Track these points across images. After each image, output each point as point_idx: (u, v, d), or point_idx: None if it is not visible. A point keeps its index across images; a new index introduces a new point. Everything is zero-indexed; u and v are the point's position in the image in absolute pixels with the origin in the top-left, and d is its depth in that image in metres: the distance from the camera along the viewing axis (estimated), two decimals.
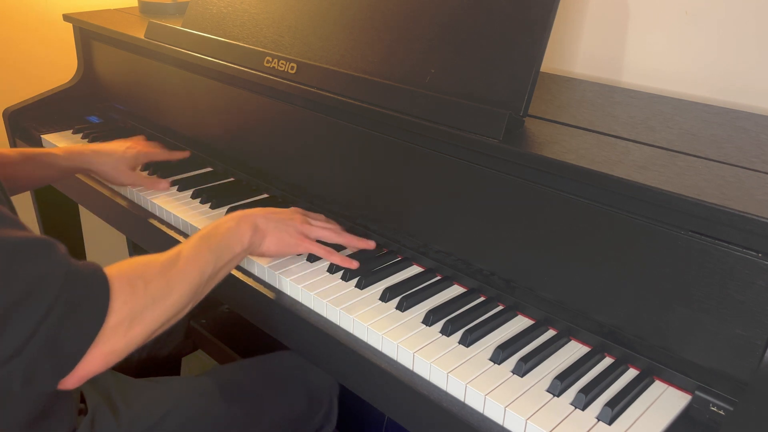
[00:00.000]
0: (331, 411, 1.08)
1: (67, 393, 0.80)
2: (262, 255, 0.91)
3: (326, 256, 0.92)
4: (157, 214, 1.14)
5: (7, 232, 0.61)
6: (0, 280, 0.58)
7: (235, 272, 0.97)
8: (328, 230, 0.95)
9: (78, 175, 1.29)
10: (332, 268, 0.92)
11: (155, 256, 0.75)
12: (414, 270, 0.94)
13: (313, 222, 0.96)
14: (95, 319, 0.63)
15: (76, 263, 0.65)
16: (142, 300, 0.68)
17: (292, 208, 0.98)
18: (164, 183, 1.18)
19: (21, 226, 0.64)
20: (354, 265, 0.91)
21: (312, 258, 0.95)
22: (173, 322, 0.74)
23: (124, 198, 1.21)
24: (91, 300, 0.64)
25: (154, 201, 1.14)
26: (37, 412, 0.77)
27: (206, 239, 0.81)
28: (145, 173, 1.23)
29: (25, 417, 0.75)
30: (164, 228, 1.10)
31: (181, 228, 1.09)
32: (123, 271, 0.69)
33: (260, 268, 0.95)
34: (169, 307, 0.72)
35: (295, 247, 0.92)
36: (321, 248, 0.93)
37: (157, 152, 1.25)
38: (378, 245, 1.00)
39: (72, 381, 0.64)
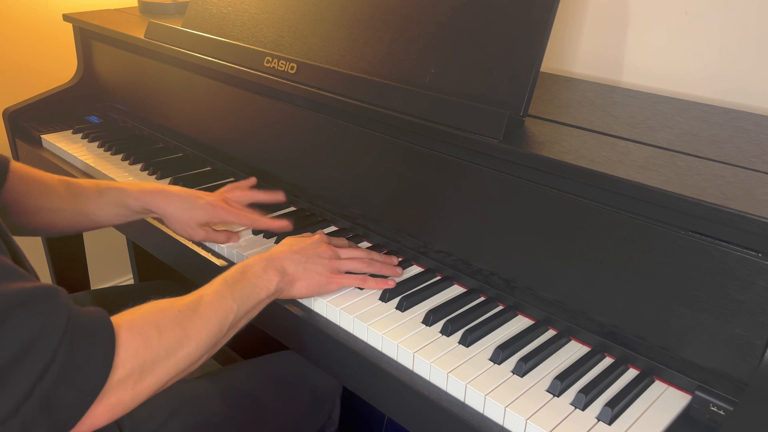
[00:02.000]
0: (333, 412, 1.08)
1: None
2: (292, 298, 0.86)
3: (360, 285, 0.87)
4: None
5: (4, 285, 0.56)
6: None
7: (226, 266, 0.97)
8: (358, 261, 0.89)
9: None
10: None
11: (173, 301, 0.69)
12: (414, 270, 0.94)
13: (341, 253, 0.89)
14: (97, 376, 0.59)
15: (78, 313, 0.60)
16: (155, 351, 0.63)
17: (317, 237, 0.90)
18: (236, 236, 1.01)
19: (21, 276, 0.59)
20: (391, 284, 0.88)
21: None
22: (188, 372, 0.69)
23: None
24: (94, 355, 0.59)
25: None
26: None
27: (230, 285, 0.75)
28: (222, 232, 1.01)
29: None
30: (164, 228, 1.10)
31: None
32: (135, 319, 0.64)
33: None
34: (185, 358, 0.67)
35: (326, 287, 0.86)
36: (354, 279, 0.87)
37: (246, 215, 1.00)
38: (377, 245, 1.00)
39: None
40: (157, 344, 0.64)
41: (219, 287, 0.75)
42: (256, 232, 1.03)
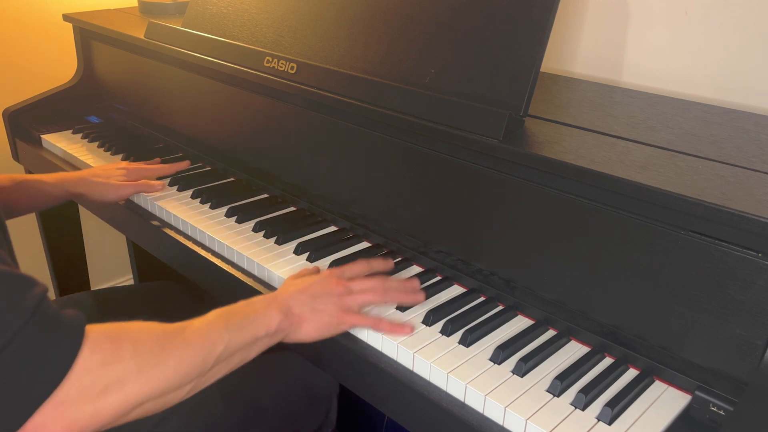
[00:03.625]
0: (330, 410, 1.08)
1: None
2: (299, 342, 0.78)
3: (374, 328, 0.80)
4: (157, 214, 1.14)
5: None
6: None
7: (226, 266, 0.97)
8: (371, 293, 0.82)
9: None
10: None
11: (160, 323, 0.65)
12: (414, 270, 0.94)
13: (354, 287, 0.82)
14: (52, 374, 0.54)
15: (51, 309, 0.56)
16: (126, 365, 0.58)
17: (326, 273, 0.84)
18: (158, 184, 1.14)
19: (3, 261, 0.56)
20: (407, 331, 0.79)
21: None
22: (162, 404, 0.63)
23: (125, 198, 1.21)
24: (54, 351, 0.54)
25: (155, 201, 1.14)
26: None
27: (225, 316, 0.70)
28: (139, 183, 1.15)
29: None
30: (164, 228, 1.10)
31: (180, 228, 1.09)
32: (112, 328, 0.60)
33: (249, 261, 0.95)
34: (160, 381, 0.61)
35: (337, 327, 0.79)
36: (366, 320, 0.80)
37: (151, 168, 1.19)
38: (378, 245, 1.00)
39: None
40: (130, 357, 0.59)
41: (213, 317, 0.70)
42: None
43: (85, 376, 0.56)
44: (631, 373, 0.75)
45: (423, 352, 0.76)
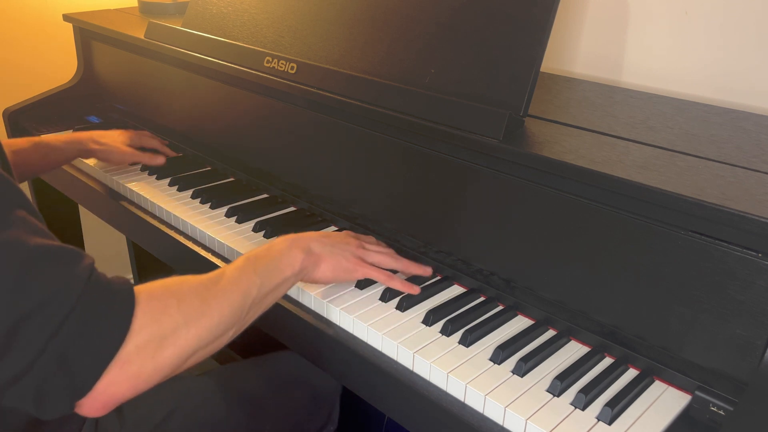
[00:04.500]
0: (333, 411, 1.08)
1: None
2: (315, 281, 0.84)
3: (386, 282, 0.86)
4: (157, 214, 1.14)
5: (28, 238, 0.57)
6: (12, 287, 0.54)
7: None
8: (385, 255, 0.88)
9: (81, 177, 1.29)
10: None
11: (194, 276, 0.69)
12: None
13: (368, 246, 0.89)
14: (114, 337, 0.58)
15: (101, 277, 0.60)
16: (174, 319, 0.62)
17: (345, 232, 0.91)
18: (161, 158, 1.24)
19: (46, 235, 0.59)
20: (415, 290, 0.86)
21: None
22: (213, 349, 0.68)
23: (125, 198, 1.21)
24: (112, 315, 0.58)
25: (154, 201, 1.14)
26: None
27: (253, 261, 0.75)
28: (141, 152, 1.25)
29: (28, 419, 0.75)
30: (164, 228, 1.10)
31: (180, 228, 1.09)
32: (155, 288, 0.64)
33: None
34: (206, 329, 0.65)
35: (352, 273, 0.84)
36: (380, 273, 0.85)
37: (148, 136, 1.30)
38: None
39: (95, 406, 0.59)
40: (177, 312, 0.63)
41: (241, 263, 0.74)
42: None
43: (141, 334, 0.60)
44: (631, 373, 0.75)
45: (423, 352, 0.76)
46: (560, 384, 0.71)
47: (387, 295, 0.86)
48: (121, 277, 0.63)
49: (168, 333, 0.62)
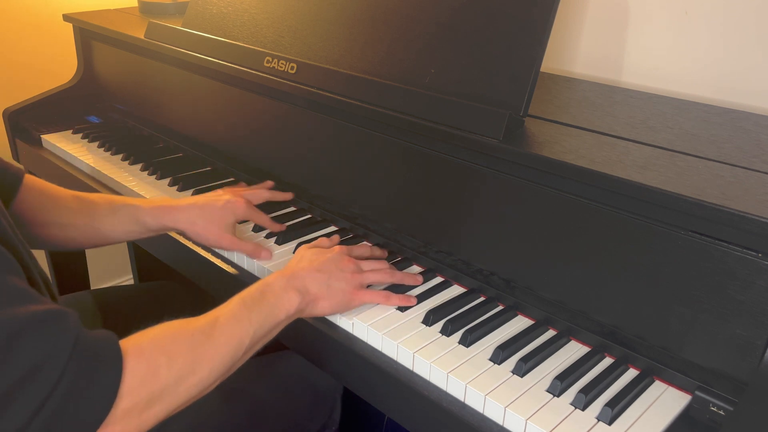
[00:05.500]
0: (334, 411, 1.08)
1: None
2: (315, 316, 0.84)
3: (385, 303, 0.85)
4: None
5: (12, 309, 0.55)
6: (2, 360, 0.53)
7: (226, 266, 0.97)
8: (380, 273, 0.87)
9: (81, 177, 1.29)
10: None
11: (186, 324, 0.67)
12: (414, 270, 0.94)
13: (363, 266, 0.87)
14: (101, 406, 0.57)
15: (86, 337, 0.58)
16: (164, 380, 0.61)
17: (337, 249, 0.87)
18: (267, 252, 0.97)
19: (33, 299, 0.57)
20: (413, 301, 0.85)
21: None
22: (200, 396, 0.67)
23: None
24: (99, 383, 0.57)
25: None
26: None
27: (248, 307, 0.72)
28: (249, 242, 0.97)
29: None
30: None
31: None
32: (144, 344, 0.62)
33: (249, 261, 0.95)
34: (196, 385, 0.64)
35: (350, 304, 0.83)
36: (378, 296, 0.85)
37: (257, 193, 1.06)
38: (377, 245, 1.00)
39: None
40: (167, 372, 0.61)
41: (236, 309, 0.72)
42: (257, 229, 1.04)
43: (129, 398, 0.58)
44: (631, 373, 0.75)
45: (423, 352, 0.76)
46: (560, 384, 0.71)
47: None
48: (105, 331, 0.60)
49: (156, 394, 0.60)
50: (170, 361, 0.62)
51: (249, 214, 0.99)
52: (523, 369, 0.74)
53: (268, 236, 1.02)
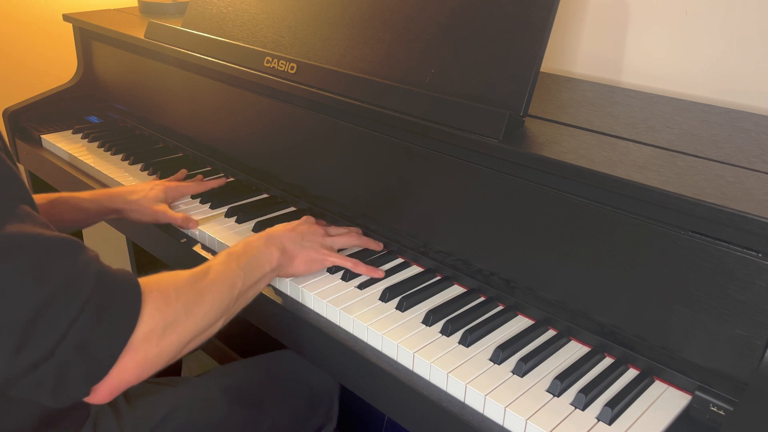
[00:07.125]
0: (331, 410, 1.08)
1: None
2: (291, 276, 0.90)
3: (353, 268, 0.91)
4: None
5: (38, 230, 0.59)
6: (31, 278, 0.56)
7: None
8: (347, 236, 0.96)
9: (81, 177, 1.29)
10: (332, 269, 0.92)
11: (182, 271, 0.73)
12: (414, 270, 0.94)
13: (330, 231, 0.96)
14: (127, 324, 0.62)
15: (107, 267, 0.63)
16: (175, 308, 0.67)
17: (304, 218, 0.96)
18: (194, 222, 1.05)
19: (49, 227, 0.62)
20: (380, 274, 0.91)
21: None
22: (205, 337, 0.73)
23: None
24: (124, 304, 0.62)
25: None
26: (47, 416, 0.76)
27: (235, 256, 0.80)
28: (178, 213, 1.07)
29: (34, 422, 0.75)
30: (163, 228, 1.10)
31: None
32: (154, 280, 0.68)
33: None
34: (202, 317, 0.70)
35: (322, 263, 0.91)
36: (347, 260, 0.91)
37: (188, 185, 1.14)
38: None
39: (105, 391, 0.62)
40: (176, 302, 0.67)
41: (224, 258, 0.79)
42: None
43: (148, 323, 0.63)
44: (631, 373, 0.75)
45: (423, 352, 0.76)
46: (560, 384, 0.71)
47: (387, 295, 0.86)
48: (122, 269, 0.66)
49: (170, 322, 0.66)
50: (178, 293, 0.68)
51: (175, 191, 1.12)
52: (523, 369, 0.74)
53: (256, 229, 1.02)
